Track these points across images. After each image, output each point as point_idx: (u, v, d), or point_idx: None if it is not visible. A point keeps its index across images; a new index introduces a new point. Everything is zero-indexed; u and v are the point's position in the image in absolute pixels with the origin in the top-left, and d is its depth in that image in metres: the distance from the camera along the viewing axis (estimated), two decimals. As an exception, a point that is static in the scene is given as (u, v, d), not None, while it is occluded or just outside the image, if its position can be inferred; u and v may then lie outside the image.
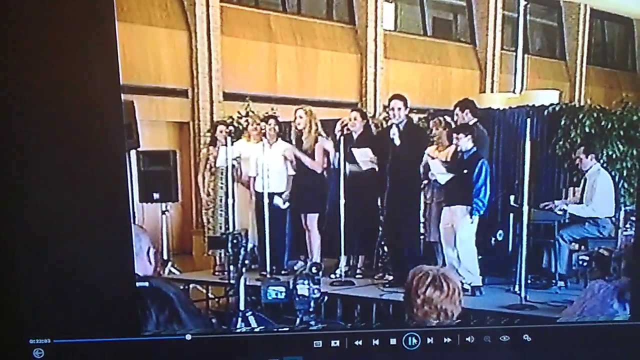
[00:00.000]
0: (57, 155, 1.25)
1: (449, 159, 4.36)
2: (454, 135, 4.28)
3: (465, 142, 4.23)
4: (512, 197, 4.29)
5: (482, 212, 4.18)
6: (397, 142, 4.34)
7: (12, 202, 1.26)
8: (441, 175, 4.34)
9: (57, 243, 1.28)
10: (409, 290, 1.87)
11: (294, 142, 4.84)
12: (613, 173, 4.45)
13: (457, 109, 4.44)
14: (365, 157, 4.64)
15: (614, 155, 4.52)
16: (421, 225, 4.52)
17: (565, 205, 4.38)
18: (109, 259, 1.30)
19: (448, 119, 4.44)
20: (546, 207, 4.33)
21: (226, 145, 4.90)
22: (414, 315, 1.79)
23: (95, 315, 1.29)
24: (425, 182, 4.44)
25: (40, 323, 1.30)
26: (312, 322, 3.11)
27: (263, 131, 4.96)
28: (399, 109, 4.40)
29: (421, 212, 4.46)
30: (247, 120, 5.47)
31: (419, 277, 1.85)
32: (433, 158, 4.37)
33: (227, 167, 4.89)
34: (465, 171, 4.22)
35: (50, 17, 1.20)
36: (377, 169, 4.61)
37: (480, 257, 4.23)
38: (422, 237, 4.53)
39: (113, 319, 1.30)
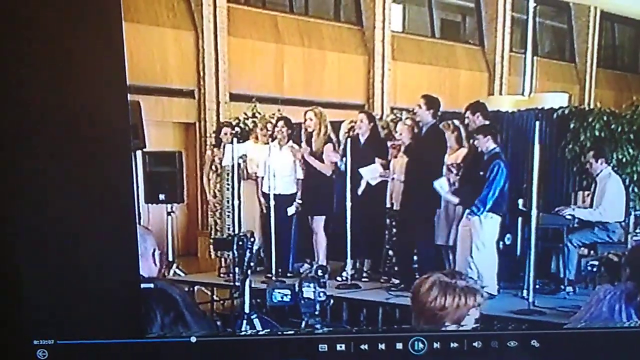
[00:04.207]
0: (62, 155, 1.23)
1: (459, 161, 4.29)
2: (474, 136, 4.17)
3: (485, 143, 4.12)
4: (520, 201, 4.24)
5: (479, 214, 4.09)
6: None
7: (16, 202, 1.23)
8: (451, 196, 4.24)
9: (61, 244, 1.26)
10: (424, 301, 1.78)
11: (304, 144, 4.80)
12: (623, 177, 4.39)
13: (468, 111, 4.37)
14: (374, 174, 4.56)
15: (624, 159, 4.47)
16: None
17: (573, 209, 4.32)
18: (114, 260, 1.27)
19: (457, 122, 4.36)
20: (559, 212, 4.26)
21: (232, 143, 4.87)
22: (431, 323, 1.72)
23: (100, 316, 1.27)
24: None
25: (44, 324, 1.27)
26: (318, 326, 3.09)
27: (269, 132, 4.92)
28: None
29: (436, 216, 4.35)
30: (254, 122, 5.46)
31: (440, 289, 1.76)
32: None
33: (232, 167, 4.86)
34: (481, 173, 4.11)
35: (56, 16, 1.18)
36: (388, 180, 4.55)
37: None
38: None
39: (117, 320, 1.27)
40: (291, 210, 4.82)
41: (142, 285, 1.38)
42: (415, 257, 4.42)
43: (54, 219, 1.23)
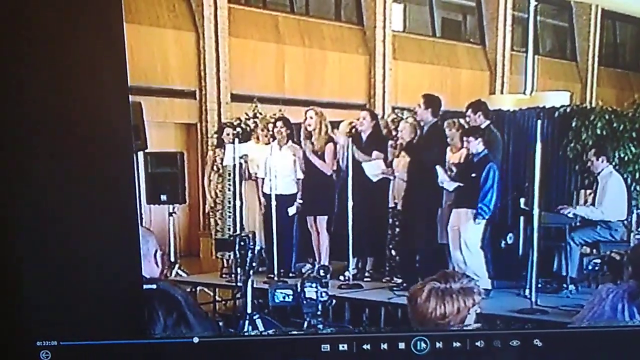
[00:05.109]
0: (63, 156, 1.24)
1: (461, 161, 4.30)
2: (464, 138, 4.20)
3: (476, 145, 4.14)
4: (522, 200, 4.23)
5: (486, 217, 4.10)
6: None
7: (18, 203, 1.24)
8: (447, 183, 4.27)
9: (64, 245, 1.26)
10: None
11: (303, 143, 4.80)
12: (625, 175, 4.38)
13: (469, 110, 4.36)
14: (377, 171, 4.55)
15: (626, 158, 4.46)
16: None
17: (575, 208, 4.32)
18: (116, 261, 1.28)
19: (462, 121, 4.36)
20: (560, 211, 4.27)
21: (233, 143, 4.87)
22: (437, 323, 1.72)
23: (102, 317, 1.27)
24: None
25: (48, 325, 1.28)
26: (320, 326, 3.08)
27: (271, 133, 4.92)
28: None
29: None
30: (255, 122, 5.46)
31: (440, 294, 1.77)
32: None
33: (234, 166, 4.86)
34: (473, 175, 4.14)
35: (58, 18, 1.19)
36: (390, 178, 4.54)
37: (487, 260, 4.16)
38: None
39: (120, 321, 1.28)
40: (292, 210, 4.82)
41: (145, 286, 1.38)
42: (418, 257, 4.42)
43: (56, 220, 1.24)
